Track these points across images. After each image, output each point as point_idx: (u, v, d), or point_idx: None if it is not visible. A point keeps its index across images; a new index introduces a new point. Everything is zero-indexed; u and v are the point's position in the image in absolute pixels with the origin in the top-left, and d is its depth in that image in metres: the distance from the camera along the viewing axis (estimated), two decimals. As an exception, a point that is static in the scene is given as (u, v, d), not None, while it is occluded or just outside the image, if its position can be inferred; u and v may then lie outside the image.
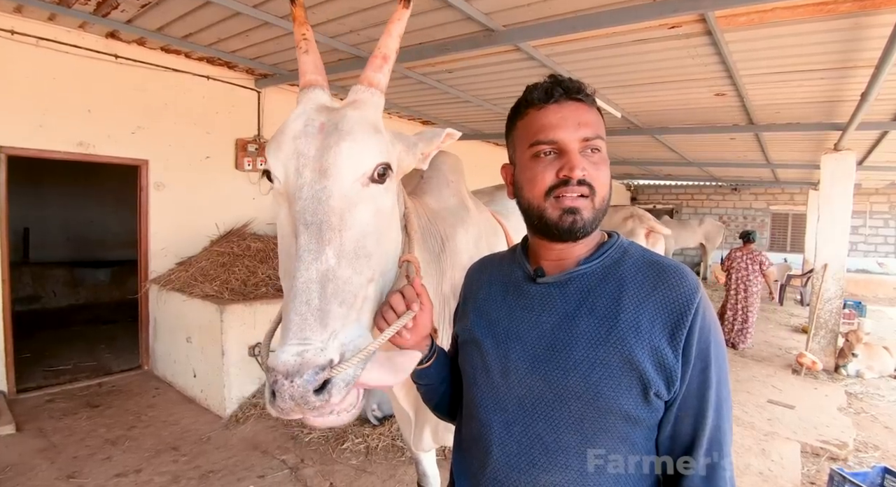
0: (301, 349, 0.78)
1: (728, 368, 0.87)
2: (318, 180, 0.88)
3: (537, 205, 0.88)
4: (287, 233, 0.91)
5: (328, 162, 0.89)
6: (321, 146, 0.90)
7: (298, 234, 0.85)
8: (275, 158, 0.92)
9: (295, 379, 0.76)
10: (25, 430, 3.61)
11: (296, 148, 0.91)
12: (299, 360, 0.77)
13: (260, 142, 5.60)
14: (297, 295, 0.81)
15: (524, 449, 0.87)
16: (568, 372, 0.84)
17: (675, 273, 0.85)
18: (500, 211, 2.16)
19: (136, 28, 4.12)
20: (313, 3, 3.41)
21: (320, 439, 3.55)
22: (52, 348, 5.48)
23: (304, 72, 1.01)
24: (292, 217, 0.88)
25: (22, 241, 7.71)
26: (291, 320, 0.80)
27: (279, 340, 0.82)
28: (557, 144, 0.86)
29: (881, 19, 3.02)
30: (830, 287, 6.02)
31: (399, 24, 1.01)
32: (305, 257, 0.83)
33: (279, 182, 0.92)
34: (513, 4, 3.27)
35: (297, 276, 0.82)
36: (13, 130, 4.02)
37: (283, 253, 0.93)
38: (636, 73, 4.50)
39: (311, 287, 0.82)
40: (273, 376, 0.77)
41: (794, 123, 5.77)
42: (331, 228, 0.86)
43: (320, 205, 0.87)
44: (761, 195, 14.29)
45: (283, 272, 0.92)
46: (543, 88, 0.88)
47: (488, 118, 7.00)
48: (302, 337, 0.79)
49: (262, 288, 4.43)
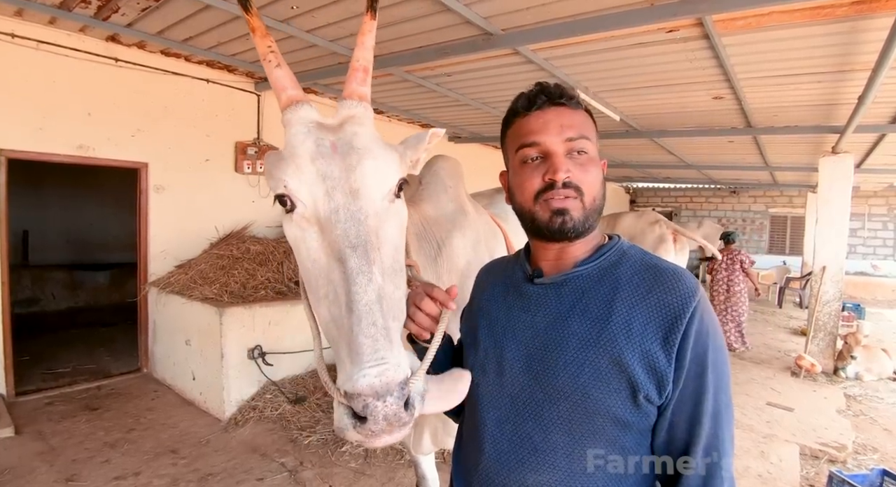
0: (381, 369, 0.78)
1: (729, 375, 0.85)
2: (353, 201, 0.87)
3: (528, 209, 0.91)
4: (320, 258, 0.88)
5: (357, 182, 0.88)
6: (344, 167, 0.88)
7: (345, 258, 0.84)
8: (298, 182, 0.88)
9: (387, 399, 0.77)
10: (24, 433, 3.61)
11: (318, 170, 0.88)
12: (385, 380, 0.77)
13: (259, 145, 5.61)
14: (361, 318, 0.81)
15: (515, 448, 0.88)
16: (557, 372, 0.85)
17: (671, 276, 0.85)
18: (500, 213, 2.16)
19: (137, 31, 4.14)
20: (312, 7, 3.43)
21: (319, 442, 3.55)
22: (51, 351, 5.48)
23: (283, 87, 0.95)
24: (328, 241, 0.86)
25: (21, 244, 7.71)
26: (362, 343, 0.79)
27: (347, 365, 0.81)
28: (541, 147, 0.88)
29: (877, 23, 3.04)
30: (829, 289, 6.03)
31: (371, 35, 1.00)
32: (360, 280, 0.83)
33: (304, 206, 0.88)
34: (512, 8, 3.29)
35: (357, 300, 0.81)
36: (13, 133, 4.03)
37: (318, 279, 0.88)
38: (634, 77, 4.52)
39: (373, 308, 0.82)
40: (362, 401, 0.77)
41: (791, 126, 5.79)
42: (373, 247, 0.86)
43: (360, 225, 0.86)
44: (760, 197, 14.31)
45: (319, 297, 0.88)
46: (527, 97, 0.92)
47: (487, 121, 7.01)
48: (377, 358, 0.79)
49: (262, 290, 4.43)
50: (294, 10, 3.47)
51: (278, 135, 5.77)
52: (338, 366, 0.85)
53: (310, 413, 3.91)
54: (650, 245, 5.28)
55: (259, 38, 0.94)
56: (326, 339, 0.92)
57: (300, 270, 0.95)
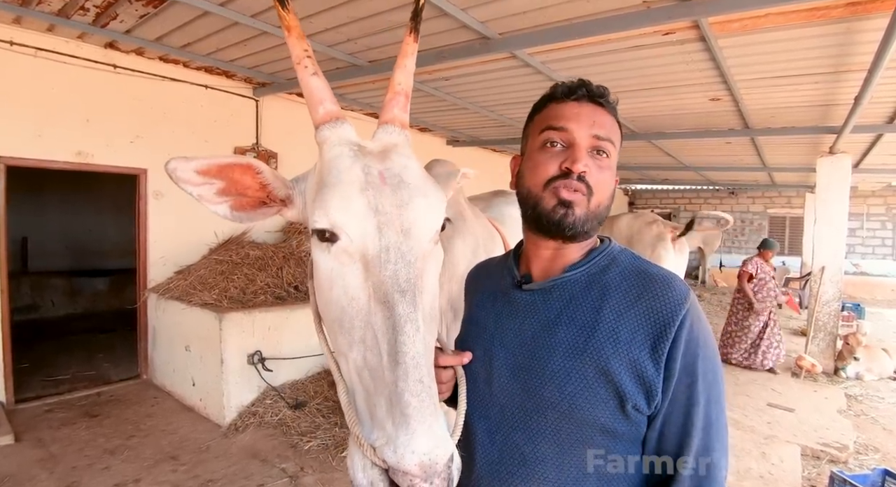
0: (432, 445, 0.71)
1: (722, 385, 0.82)
2: (404, 241, 0.79)
3: (535, 194, 0.88)
4: (360, 298, 0.78)
5: (409, 221, 0.80)
6: (395, 202, 0.80)
7: (394, 303, 0.75)
8: (345, 213, 0.78)
9: (434, 481, 0.70)
10: (24, 440, 3.59)
11: (368, 202, 0.79)
12: (434, 459, 0.70)
13: (258, 150, 5.62)
14: (408, 373, 0.73)
15: (504, 458, 0.87)
16: (545, 382, 0.83)
17: (661, 282, 0.83)
18: (497, 217, 2.17)
19: (135, 38, 4.15)
20: (311, 13, 3.44)
21: (320, 447, 3.54)
22: (50, 358, 5.46)
23: (320, 100, 0.86)
24: (374, 282, 0.77)
25: (20, 251, 7.71)
26: (409, 403, 0.71)
27: (388, 426, 0.73)
28: (568, 134, 0.86)
29: (872, 24, 3.05)
30: (828, 289, 6.04)
31: (413, 58, 0.93)
32: (408, 328, 0.74)
33: (349, 240, 0.79)
34: (508, 13, 3.30)
35: (405, 351, 0.73)
36: (12, 140, 4.03)
37: (354, 320, 0.79)
38: (632, 79, 4.54)
39: (420, 362, 0.74)
40: (408, 480, 0.70)
41: (789, 127, 5.81)
42: (420, 292, 0.79)
43: (411, 268, 0.78)
44: (758, 198, 14.33)
45: (353, 341, 0.79)
46: (568, 86, 0.90)
47: (485, 124, 7.03)
48: (426, 427, 0.71)
49: (261, 295, 4.43)
50: (292, 15, 3.48)
51: (277, 140, 5.80)
52: (368, 418, 0.77)
53: (310, 419, 3.90)
54: (648, 244, 5.27)
55: (295, 39, 0.85)
56: (352, 384, 0.81)
57: (326, 305, 0.84)
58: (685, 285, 0.83)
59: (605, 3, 3.08)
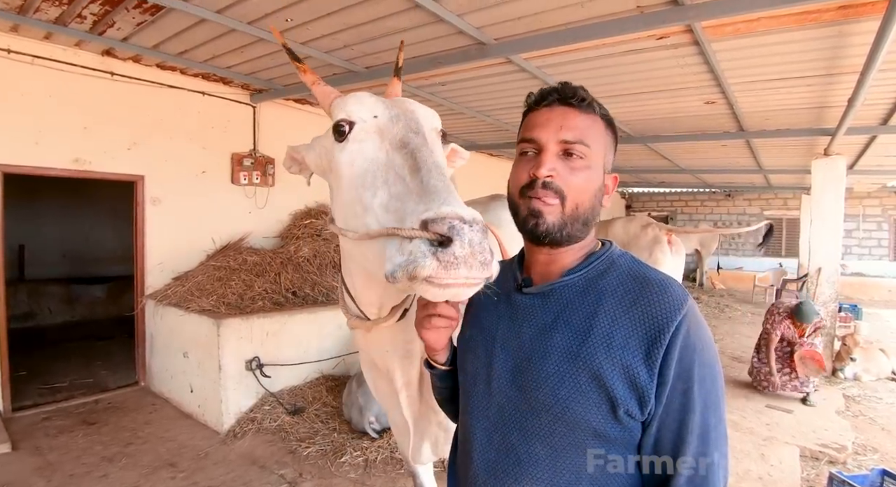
0: (465, 209, 0.78)
1: (721, 392, 0.81)
2: (411, 113, 1.08)
3: (514, 203, 0.91)
4: (379, 156, 0.99)
5: (412, 111, 1.09)
6: (402, 108, 1.09)
7: (409, 140, 0.98)
8: (359, 106, 1.06)
9: (473, 226, 0.76)
10: (21, 449, 3.58)
11: (377, 100, 1.09)
12: (471, 213, 0.77)
13: (255, 156, 5.63)
14: (431, 172, 0.89)
15: (501, 458, 0.88)
16: (539, 385, 0.83)
17: (658, 287, 0.82)
18: (494, 221, 2.17)
19: (132, 45, 4.16)
20: (308, 20, 3.46)
21: (318, 453, 3.53)
22: (47, 365, 5.44)
23: (330, 92, 1.20)
24: (389, 138, 1.00)
25: (17, 258, 7.69)
26: (436, 185, 0.85)
27: (422, 207, 0.81)
28: (535, 143, 0.88)
29: (864, 26, 3.08)
30: (825, 290, 6.05)
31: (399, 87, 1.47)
32: (424, 151, 0.95)
33: (363, 122, 1.04)
34: (504, 18, 3.32)
35: (424, 161, 0.92)
36: (9, 147, 4.03)
37: (375, 173, 0.97)
38: (627, 83, 4.56)
39: (439, 166, 0.93)
40: (448, 222, 0.75)
41: (783, 129, 5.84)
42: (428, 140, 1.03)
43: (419, 123, 1.06)
44: (755, 200, 14.38)
45: (376, 187, 0.94)
46: (539, 93, 0.92)
47: (482, 129, 7.05)
48: (456, 201, 0.81)
49: (259, 301, 4.42)
50: (289, 22, 3.50)
51: (274, 146, 5.81)
52: (403, 218, 0.84)
53: (308, 425, 3.90)
54: (645, 248, 5.28)
55: (308, 76, 1.26)
56: (378, 224, 0.91)
57: (349, 190, 1.02)
58: (683, 290, 0.82)
59: (600, 8, 3.11)
